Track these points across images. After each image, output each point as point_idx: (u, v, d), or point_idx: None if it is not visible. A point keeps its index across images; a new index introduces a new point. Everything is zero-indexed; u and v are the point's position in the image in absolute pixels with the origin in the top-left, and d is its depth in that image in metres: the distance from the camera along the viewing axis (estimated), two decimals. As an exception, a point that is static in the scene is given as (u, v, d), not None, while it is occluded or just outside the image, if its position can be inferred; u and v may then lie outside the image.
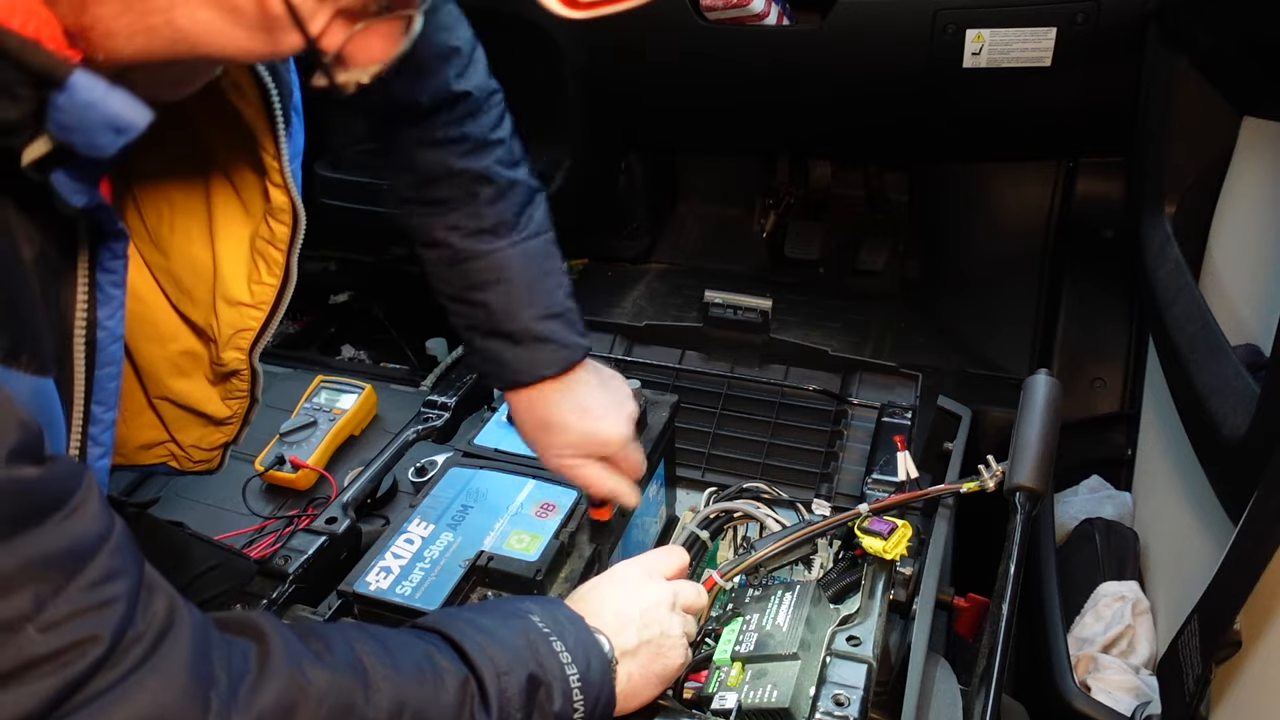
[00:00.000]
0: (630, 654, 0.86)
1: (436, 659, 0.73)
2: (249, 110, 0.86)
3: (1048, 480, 1.06)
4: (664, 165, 2.47)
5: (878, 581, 1.05)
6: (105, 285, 0.72)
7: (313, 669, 0.65)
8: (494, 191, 0.97)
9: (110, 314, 0.73)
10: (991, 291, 2.09)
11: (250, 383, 1.02)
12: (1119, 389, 1.78)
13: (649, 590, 0.92)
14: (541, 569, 1.02)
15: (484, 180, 0.96)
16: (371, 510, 1.26)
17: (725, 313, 1.64)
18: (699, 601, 0.98)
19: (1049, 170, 2.06)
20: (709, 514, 1.35)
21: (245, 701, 0.61)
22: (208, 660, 0.61)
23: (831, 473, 1.45)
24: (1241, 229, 1.33)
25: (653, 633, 0.88)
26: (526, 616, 0.81)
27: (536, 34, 1.93)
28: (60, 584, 0.54)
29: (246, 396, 1.03)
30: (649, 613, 0.89)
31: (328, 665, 0.67)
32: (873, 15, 1.76)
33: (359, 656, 0.69)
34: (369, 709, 0.67)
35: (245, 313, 0.96)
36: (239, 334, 0.96)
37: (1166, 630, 1.22)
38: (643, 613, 0.89)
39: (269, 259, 0.94)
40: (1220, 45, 1.38)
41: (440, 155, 0.95)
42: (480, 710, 0.72)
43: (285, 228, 0.92)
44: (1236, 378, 1.03)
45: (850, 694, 0.90)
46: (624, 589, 0.92)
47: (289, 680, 0.64)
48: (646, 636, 0.88)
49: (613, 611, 0.88)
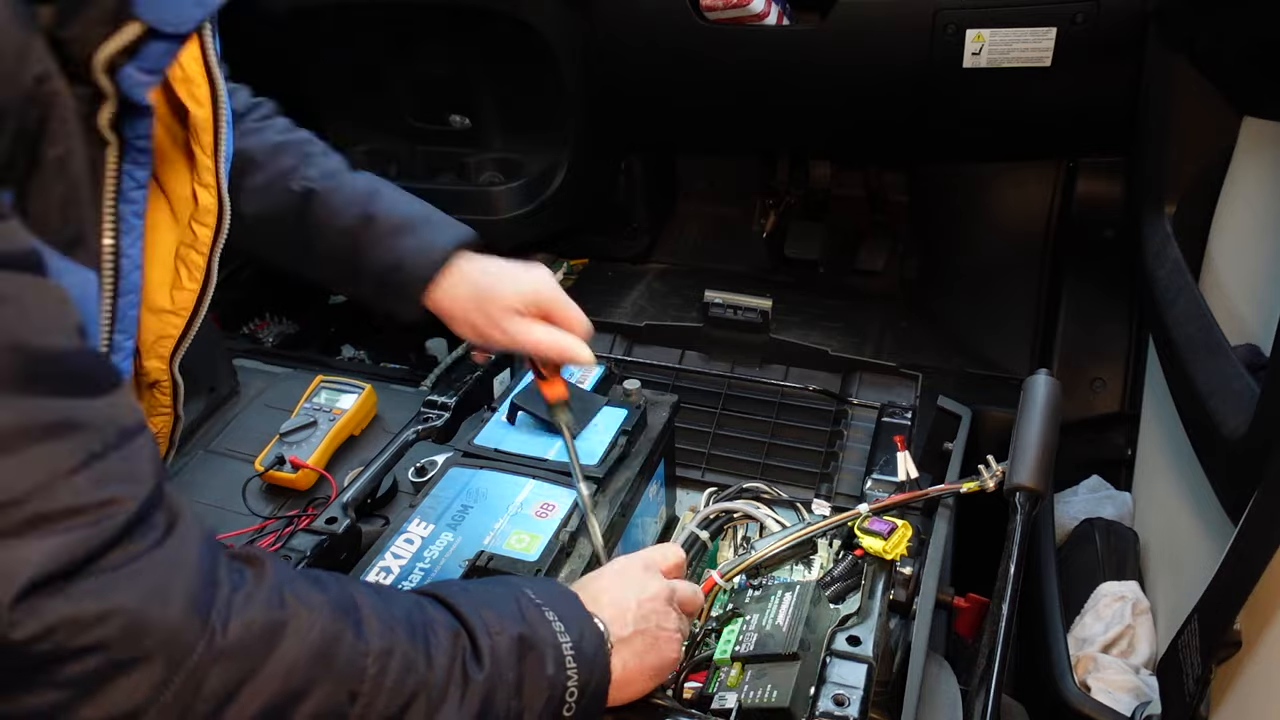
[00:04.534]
0: (625, 641, 0.86)
1: (429, 610, 0.75)
2: (195, 106, 0.87)
3: (1048, 480, 1.06)
4: (664, 165, 2.47)
5: (878, 581, 1.05)
6: (128, 215, 0.76)
7: (307, 594, 0.68)
8: (323, 148, 1.13)
9: (131, 243, 0.78)
10: (991, 291, 2.09)
11: (172, 396, 0.99)
12: (1119, 389, 1.78)
13: (647, 583, 0.92)
14: (541, 569, 1.02)
15: (310, 141, 1.13)
16: (371, 510, 1.26)
17: (725, 313, 1.64)
18: (695, 600, 0.98)
19: (1049, 170, 2.06)
20: (709, 514, 1.35)
21: (240, 608, 0.63)
22: (214, 562, 0.64)
23: (831, 473, 1.45)
24: (1241, 229, 1.33)
25: (649, 624, 0.88)
26: (520, 588, 0.83)
27: (529, 35, 1.93)
28: (105, 448, 0.59)
29: (170, 413, 1.00)
30: (646, 604, 0.89)
31: (321, 594, 0.69)
32: (873, 15, 1.76)
33: (353, 595, 0.71)
34: (359, 643, 0.68)
35: (167, 320, 0.94)
36: (160, 341, 0.95)
37: (1166, 630, 1.22)
38: (640, 603, 0.89)
39: (190, 264, 0.93)
40: (1220, 45, 1.38)
41: (266, 135, 1.10)
42: (472, 663, 0.73)
43: (209, 230, 0.92)
44: (1236, 378, 1.03)
45: (850, 694, 0.90)
46: (622, 580, 0.91)
47: (281, 597, 0.66)
48: (642, 627, 0.87)
49: (610, 600, 0.88)
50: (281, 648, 0.64)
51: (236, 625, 0.63)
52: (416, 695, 0.69)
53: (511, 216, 2.15)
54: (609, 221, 2.38)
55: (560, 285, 1.12)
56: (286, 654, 0.64)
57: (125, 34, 0.65)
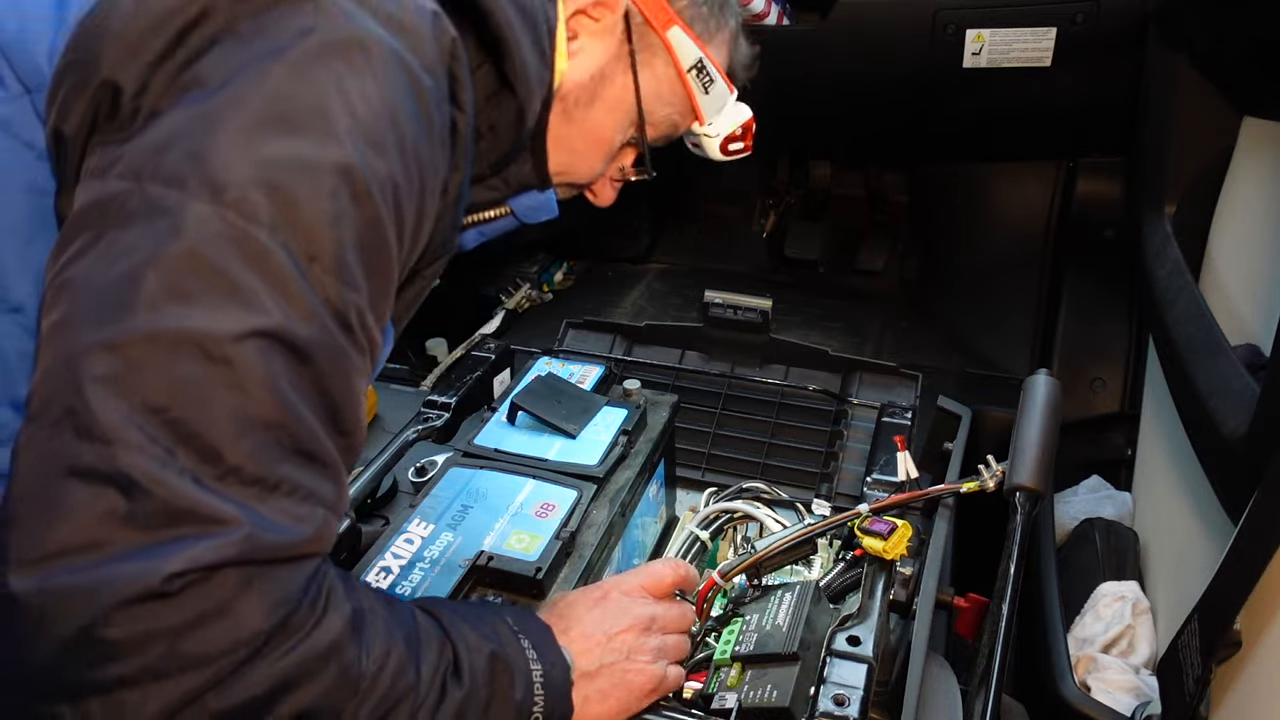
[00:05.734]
0: (589, 677, 0.87)
1: (421, 619, 0.76)
2: None
3: (1048, 480, 1.06)
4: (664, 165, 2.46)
5: (878, 581, 1.05)
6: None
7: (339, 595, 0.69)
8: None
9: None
10: (991, 291, 2.09)
11: None
12: (1119, 389, 1.78)
13: (626, 611, 0.93)
14: (542, 568, 1.02)
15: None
16: (371, 510, 1.26)
17: (725, 313, 1.64)
18: (682, 623, 0.98)
19: (1049, 170, 2.06)
20: (709, 514, 1.35)
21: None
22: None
23: (831, 473, 1.45)
24: (1241, 229, 1.33)
25: (617, 658, 0.89)
26: (499, 612, 0.85)
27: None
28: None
29: None
30: (618, 637, 0.90)
31: (348, 593, 0.70)
32: (873, 15, 1.76)
33: (361, 597, 0.71)
34: (364, 645, 0.68)
35: None
36: None
37: (1166, 630, 1.22)
38: (610, 637, 0.90)
39: None
40: (1220, 45, 1.38)
41: None
42: (453, 679, 0.74)
43: None
44: (1236, 378, 1.03)
45: (850, 694, 0.90)
46: (597, 611, 0.93)
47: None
48: (610, 660, 0.89)
49: (580, 632, 0.90)
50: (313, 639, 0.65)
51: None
52: (403, 700, 0.70)
53: (511, 216, 2.14)
54: (609, 221, 2.37)
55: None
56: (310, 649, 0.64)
57: (496, 210, 1.01)
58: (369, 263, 0.68)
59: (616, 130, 1.03)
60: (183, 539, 0.57)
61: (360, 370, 0.69)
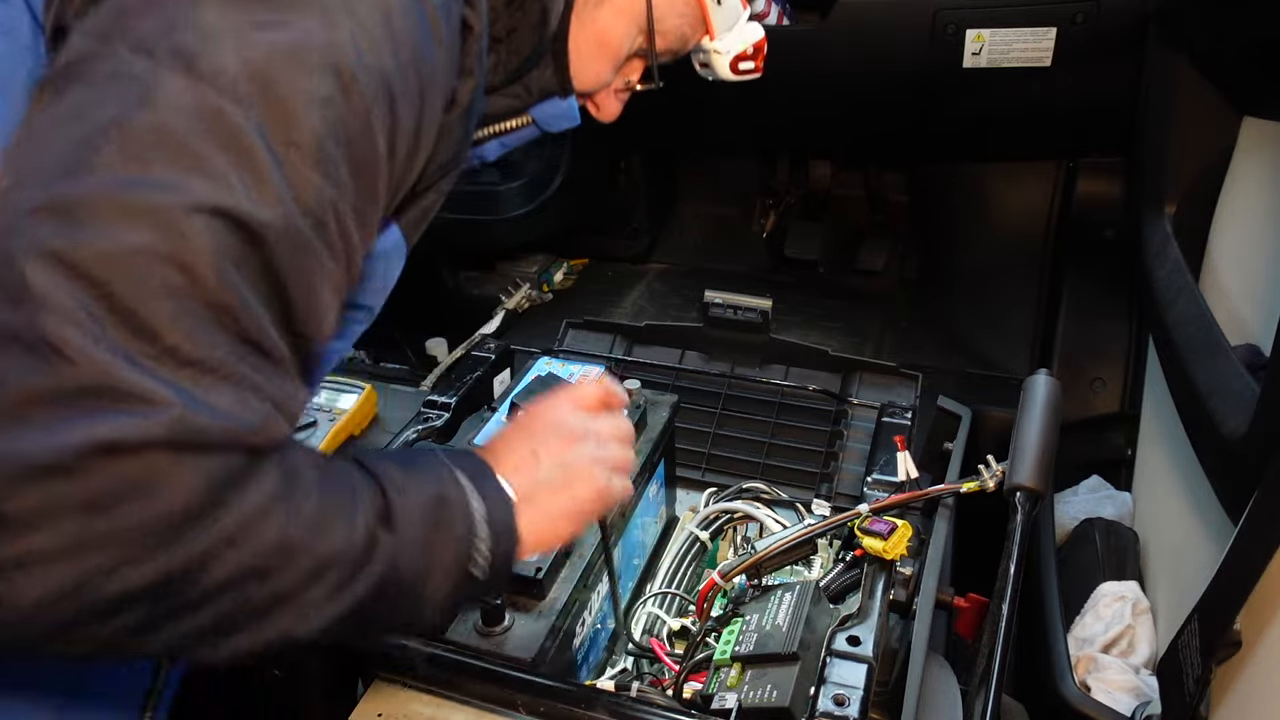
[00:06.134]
0: (528, 500, 0.82)
1: (354, 473, 0.72)
2: None
3: (1048, 480, 1.06)
4: (664, 165, 2.47)
5: (878, 581, 1.05)
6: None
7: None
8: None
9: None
10: (991, 291, 2.09)
11: None
12: (1119, 389, 1.78)
13: (552, 430, 0.88)
14: (542, 568, 1.02)
15: None
16: (371, 510, 1.26)
17: (725, 313, 1.64)
18: (618, 432, 0.92)
19: (1049, 170, 2.06)
20: (709, 514, 1.35)
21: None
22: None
23: (831, 473, 1.45)
24: (1241, 229, 1.33)
25: (552, 474, 0.84)
26: (435, 454, 0.80)
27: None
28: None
29: None
30: (549, 454, 0.85)
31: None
32: (873, 15, 1.76)
33: (294, 459, 0.66)
34: (302, 502, 0.64)
35: None
36: None
37: (1166, 630, 1.22)
38: (540, 456, 0.85)
39: None
40: (1220, 45, 1.38)
41: None
42: (383, 527, 0.70)
43: None
44: (1236, 378, 1.03)
45: (850, 694, 0.90)
46: (524, 433, 0.88)
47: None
48: (544, 477, 0.84)
49: (511, 460, 0.84)
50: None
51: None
52: (333, 558, 0.66)
53: (511, 216, 2.14)
54: (609, 221, 2.38)
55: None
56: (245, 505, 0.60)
57: (519, 119, 1.01)
58: (353, 160, 0.65)
59: (625, 37, 1.00)
60: (103, 413, 0.53)
61: (327, 273, 0.65)
